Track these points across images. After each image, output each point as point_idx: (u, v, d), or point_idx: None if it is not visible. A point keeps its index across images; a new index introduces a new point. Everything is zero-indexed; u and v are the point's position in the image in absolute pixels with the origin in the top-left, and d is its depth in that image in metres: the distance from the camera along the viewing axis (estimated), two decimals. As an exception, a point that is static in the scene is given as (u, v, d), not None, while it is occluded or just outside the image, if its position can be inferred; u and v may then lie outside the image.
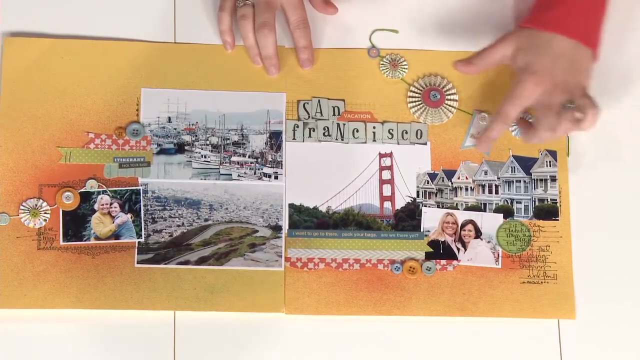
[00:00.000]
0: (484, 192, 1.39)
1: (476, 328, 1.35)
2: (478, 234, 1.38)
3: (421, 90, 1.41)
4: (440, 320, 1.35)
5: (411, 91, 1.41)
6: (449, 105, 1.41)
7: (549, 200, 1.39)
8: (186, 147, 1.38)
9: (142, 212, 1.35)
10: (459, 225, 1.38)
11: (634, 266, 1.38)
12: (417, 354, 1.34)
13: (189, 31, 1.41)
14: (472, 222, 1.38)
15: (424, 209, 1.38)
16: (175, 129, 1.38)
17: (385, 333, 1.34)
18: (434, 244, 1.37)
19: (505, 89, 1.38)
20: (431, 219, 1.38)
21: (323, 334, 1.34)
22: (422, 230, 1.37)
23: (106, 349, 1.32)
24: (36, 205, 1.34)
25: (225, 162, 1.38)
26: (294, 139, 1.39)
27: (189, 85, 1.38)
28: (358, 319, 1.34)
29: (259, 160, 1.38)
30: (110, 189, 1.35)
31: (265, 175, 1.37)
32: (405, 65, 1.42)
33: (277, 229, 1.36)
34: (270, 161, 1.38)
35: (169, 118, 1.38)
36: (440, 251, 1.37)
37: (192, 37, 1.41)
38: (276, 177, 1.37)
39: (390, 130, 1.40)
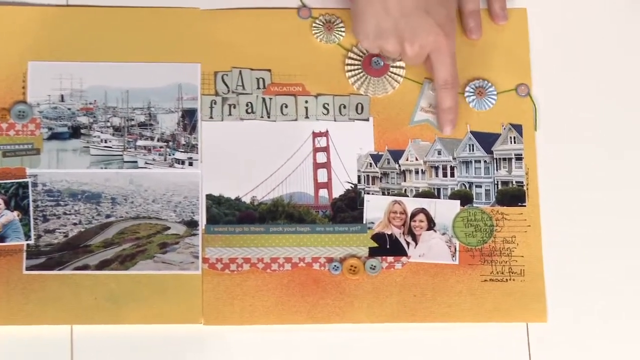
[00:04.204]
0: (437, 175, 1.35)
1: (430, 336, 1.30)
2: (431, 225, 1.33)
3: (361, 57, 1.35)
4: (387, 328, 1.29)
5: (350, 58, 1.35)
6: (394, 74, 1.35)
7: (514, 182, 1.34)
8: (83, 131, 1.32)
9: (31, 209, 1.29)
10: (409, 215, 1.33)
11: (612, 258, 1.33)
12: (361, 369, 1.29)
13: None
14: (423, 211, 1.33)
15: (366, 197, 1.33)
16: (69, 109, 1.33)
17: (322, 344, 1.29)
18: (379, 238, 1.32)
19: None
20: (375, 208, 1.33)
21: (249, 347, 1.28)
22: (364, 222, 1.32)
23: (-10, 373, 1.26)
24: None
25: (130, 148, 1.33)
26: (211, 117, 1.33)
27: (85, 57, 1.33)
28: (290, 329, 1.29)
29: (170, 144, 1.33)
30: (-8, 182, 1.29)
31: (178, 161, 1.33)
32: (342, 27, 1.35)
33: (192, 224, 1.31)
34: (184, 145, 1.33)
35: (62, 96, 1.33)
36: (386, 246, 1.32)
37: (87, -1, 1.34)
38: (190, 164, 1.32)
39: (326, 105, 1.34)
